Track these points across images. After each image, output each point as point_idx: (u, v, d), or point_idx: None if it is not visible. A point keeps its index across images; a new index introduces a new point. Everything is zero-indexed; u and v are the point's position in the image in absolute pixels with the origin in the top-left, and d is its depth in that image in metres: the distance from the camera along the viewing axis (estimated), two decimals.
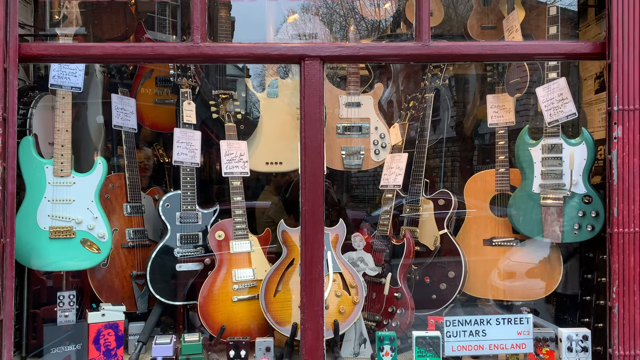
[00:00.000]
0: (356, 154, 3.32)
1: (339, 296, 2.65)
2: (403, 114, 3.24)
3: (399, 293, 2.75)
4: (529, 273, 2.88)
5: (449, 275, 2.90)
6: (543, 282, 2.86)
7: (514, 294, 2.91)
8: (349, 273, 2.72)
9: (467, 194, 3.10)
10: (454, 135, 4.07)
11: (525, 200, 2.82)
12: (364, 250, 2.92)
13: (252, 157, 3.20)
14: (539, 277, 2.87)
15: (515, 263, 2.91)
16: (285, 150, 3.27)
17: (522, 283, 2.89)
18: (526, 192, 2.81)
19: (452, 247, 2.94)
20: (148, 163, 3.62)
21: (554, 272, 2.84)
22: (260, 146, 3.25)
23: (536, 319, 3.00)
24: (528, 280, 2.88)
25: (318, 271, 2.44)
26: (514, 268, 2.92)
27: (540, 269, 2.87)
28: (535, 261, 2.88)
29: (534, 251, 2.89)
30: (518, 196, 2.86)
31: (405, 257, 2.80)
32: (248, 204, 3.93)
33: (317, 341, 2.43)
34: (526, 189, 2.81)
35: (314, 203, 2.44)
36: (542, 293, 2.86)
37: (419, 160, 3.12)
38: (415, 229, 3.04)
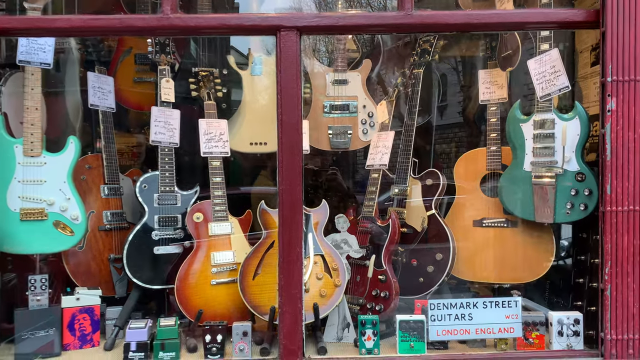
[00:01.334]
0: (343, 134, 3.20)
1: (320, 279, 2.56)
2: (391, 90, 3.11)
3: (383, 276, 2.65)
4: (520, 255, 2.77)
5: (437, 258, 2.79)
6: (535, 265, 2.74)
7: (505, 276, 2.79)
8: (331, 255, 2.62)
9: (457, 173, 2.97)
10: (461, 121, 3.93)
11: (516, 179, 2.69)
12: (348, 232, 2.82)
13: (236, 137, 3.10)
14: (530, 259, 2.76)
15: (506, 245, 2.80)
16: (270, 130, 3.10)
17: (513, 265, 2.77)
18: (517, 171, 2.68)
19: (440, 228, 2.82)
20: (140, 149, 3.53)
21: (546, 254, 2.72)
22: (244, 126, 3.14)
23: (526, 301, 2.90)
24: (519, 263, 2.76)
25: (296, 253, 2.34)
26: (504, 250, 2.80)
27: (532, 250, 2.75)
28: (527, 242, 2.76)
29: (526, 232, 2.77)
30: (509, 175, 2.73)
31: (390, 238, 2.69)
32: (244, 189, 3.90)
33: (295, 325, 2.34)
34: (517, 167, 2.69)
35: (292, 182, 2.33)
36: (533, 276, 2.74)
37: (407, 139, 3.00)
38: (402, 210, 2.93)
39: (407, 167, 2.96)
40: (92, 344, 2.57)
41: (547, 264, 2.72)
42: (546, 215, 2.59)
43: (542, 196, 2.59)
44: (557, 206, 2.55)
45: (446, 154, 4.07)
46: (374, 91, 3.48)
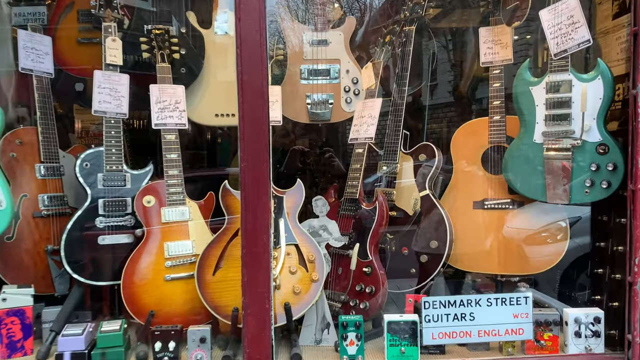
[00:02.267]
0: (324, 103, 2.77)
1: (294, 273, 2.15)
2: (378, 50, 2.68)
3: (369, 268, 2.25)
4: (529, 241, 2.37)
5: (431, 246, 2.39)
6: (546, 253, 2.35)
7: (511, 267, 2.40)
8: (307, 245, 2.20)
9: (454, 147, 2.56)
10: (452, 100, 3.51)
11: (524, 152, 2.29)
12: (328, 216, 2.41)
13: (198, 107, 2.66)
14: (540, 246, 2.37)
15: (511, 230, 2.40)
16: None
17: (520, 254, 2.38)
18: (526, 143, 2.28)
19: (435, 211, 2.42)
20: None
21: (559, 240, 2.33)
22: (208, 94, 2.69)
23: (537, 294, 2.52)
24: (527, 251, 2.37)
25: (262, 243, 1.93)
26: (510, 236, 2.40)
27: (543, 236, 2.36)
28: (536, 227, 2.37)
29: (535, 215, 2.37)
30: (515, 148, 2.32)
31: (376, 224, 2.29)
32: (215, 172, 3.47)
33: (262, 330, 1.94)
34: (526, 139, 2.28)
35: (257, 158, 1.91)
36: (544, 265, 2.35)
37: (397, 108, 2.58)
38: (391, 191, 2.52)
39: (397, 141, 2.54)
40: (23, 352, 2.15)
41: (560, 252, 2.33)
42: (560, 195, 2.19)
43: (555, 172, 2.19)
44: (573, 184, 2.15)
45: (437, 134, 3.66)
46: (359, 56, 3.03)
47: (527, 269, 2.36)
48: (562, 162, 2.17)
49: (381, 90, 2.71)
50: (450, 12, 3.27)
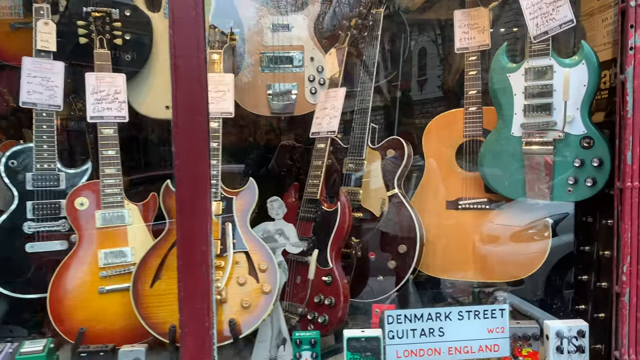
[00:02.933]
0: (286, 94, 2.53)
1: (243, 284, 1.91)
2: (342, 35, 2.44)
3: (329, 276, 2.01)
4: (507, 245, 2.15)
5: (399, 250, 2.16)
6: (525, 258, 2.13)
7: (487, 273, 2.18)
8: (259, 252, 1.96)
9: (426, 141, 2.33)
10: (441, 95, 3.28)
11: (501, 147, 2.06)
12: (288, 219, 2.17)
13: (147, 99, 2.41)
14: (519, 250, 2.15)
15: (488, 232, 2.18)
16: None
17: (497, 259, 2.16)
18: (503, 136, 2.05)
19: (404, 212, 2.19)
20: (68, 124, 2.81)
21: (540, 243, 2.11)
22: (157, 84, 2.44)
23: (513, 299, 2.31)
24: (505, 255, 2.15)
25: (201, 252, 1.68)
26: (486, 239, 2.18)
27: (522, 239, 2.14)
28: (515, 229, 2.15)
29: (514, 216, 2.15)
30: (492, 142, 2.10)
31: (338, 228, 2.05)
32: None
33: (201, 350, 1.69)
34: (503, 131, 2.05)
35: (193, 153, 1.66)
36: (524, 272, 2.13)
37: (364, 99, 2.34)
38: (357, 190, 2.29)
39: (364, 135, 2.31)
40: None
41: (541, 257, 2.11)
42: (541, 193, 1.97)
43: (535, 168, 1.97)
44: (555, 182, 1.93)
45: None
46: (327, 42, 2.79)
47: (505, 275, 2.14)
48: (542, 157, 1.95)
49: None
50: (436, 1, 3.06)
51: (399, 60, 2.84)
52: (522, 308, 2.28)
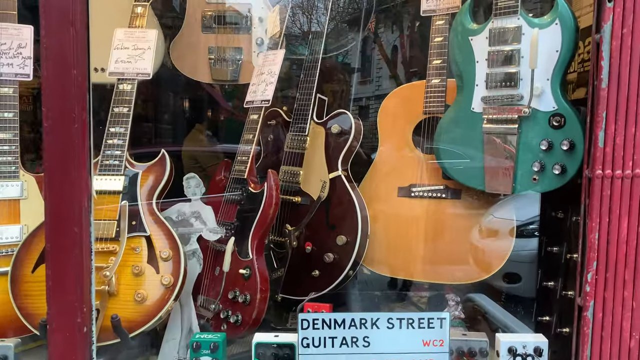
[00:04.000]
0: (231, 60, 2.22)
1: (139, 275, 1.62)
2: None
3: (247, 269, 1.71)
4: (464, 242, 1.83)
5: (338, 242, 1.86)
6: (485, 257, 1.81)
7: (441, 272, 1.86)
8: (163, 237, 1.67)
9: (382, 118, 2.01)
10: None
11: (459, 125, 1.74)
12: (213, 200, 1.88)
13: None
14: (478, 248, 1.83)
15: (444, 225, 1.86)
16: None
17: (452, 257, 1.84)
18: (462, 113, 1.73)
19: (346, 198, 1.88)
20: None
21: (502, 241, 1.79)
22: None
23: (486, 302, 2.00)
24: (461, 254, 1.83)
25: (72, 235, 1.39)
26: (441, 233, 1.86)
27: (481, 235, 1.82)
28: (474, 223, 1.83)
29: (473, 208, 1.83)
30: (449, 119, 1.77)
31: (262, 213, 1.74)
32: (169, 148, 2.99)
33: (73, 351, 1.41)
34: (462, 107, 1.73)
35: (65, 115, 1.37)
36: (483, 272, 1.81)
37: (310, 65, 2.03)
38: (297, 171, 1.98)
39: (308, 107, 2.00)
40: None
41: (503, 255, 1.79)
42: (501, 182, 1.64)
43: (495, 152, 1.64)
44: (518, 168, 1.60)
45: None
46: None
47: (456, 276, 1.82)
48: (504, 137, 1.62)
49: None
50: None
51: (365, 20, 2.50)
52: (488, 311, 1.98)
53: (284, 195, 1.97)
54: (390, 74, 3.16)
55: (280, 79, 2.36)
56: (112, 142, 1.75)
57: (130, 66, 1.87)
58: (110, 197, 1.69)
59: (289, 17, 2.20)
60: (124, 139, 1.76)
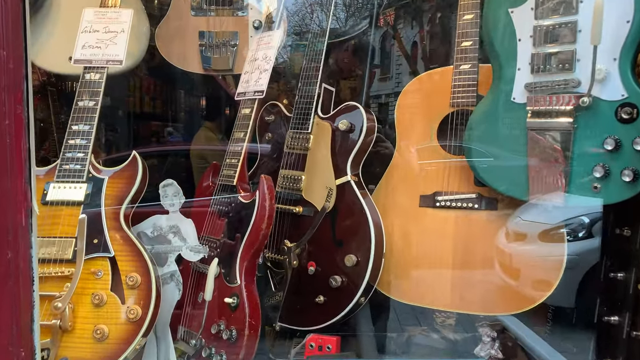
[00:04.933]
0: (223, 46, 1.92)
1: (100, 305, 1.32)
2: None
3: (234, 298, 1.40)
4: (504, 263, 1.49)
5: (347, 262, 1.53)
6: (530, 282, 1.47)
7: (471, 302, 1.52)
8: (130, 259, 1.36)
9: (400, 112, 1.68)
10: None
11: (496, 119, 1.40)
12: (197, 211, 1.57)
13: (45, 48, 1.85)
14: (521, 271, 1.48)
15: (476, 242, 1.52)
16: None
17: (487, 282, 1.50)
18: (499, 104, 1.39)
19: (357, 208, 1.55)
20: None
21: (550, 263, 1.44)
22: (59, 30, 1.87)
23: (522, 332, 1.65)
24: (501, 277, 1.49)
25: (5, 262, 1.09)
26: (473, 252, 1.52)
27: (525, 256, 1.48)
28: (515, 240, 1.49)
29: (513, 221, 1.49)
30: (483, 112, 1.43)
31: (253, 227, 1.43)
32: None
33: None
34: (500, 96, 1.39)
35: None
36: (525, 302, 1.46)
37: (314, 50, 1.71)
38: (299, 175, 1.66)
39: (311, 100, 1.67)
40: None
41: (551, 281, 1.44)
42: (551, 188, 1.30)
43: (543, 153, 1.30)
44: (573, 174, 1.26)
45: None
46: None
47: (494, 307, 1.48)
48: (556, 134, 1.28)
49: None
50: None
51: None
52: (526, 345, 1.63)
53: (282, 205, 1.66)
54: (410, 70, 2.89)
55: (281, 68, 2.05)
56: (74, 142, 1.46)
57: (99, 52, 1.58)
58: (69, 208, 1.39)
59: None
60: (89, 138, 1.46)
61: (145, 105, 2.95)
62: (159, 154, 2.79)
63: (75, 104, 1.52)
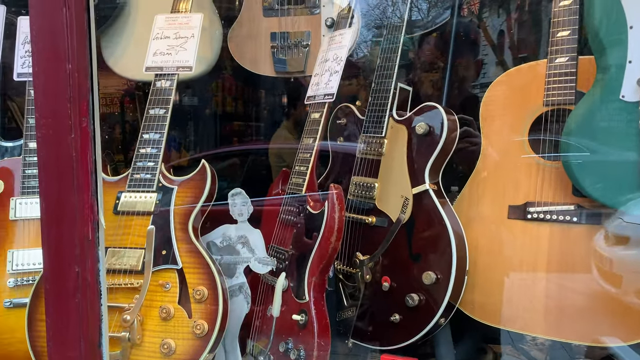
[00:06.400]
0: (296, 47, 1.85)
1: (167, 319, 1.29)
2: None
3: (302, 315, 1.32)
4: (612, 284, 1.29)
5: (425, 280, 1.40)
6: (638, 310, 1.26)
7: (576, 329, 1.33)
8: (198, 271, 1.33)
9: (485, 112, 1.51)
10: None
11: (601, 120, 1.21)
12: (267, 221, 1.52)
13: (124, 56, 1.90)
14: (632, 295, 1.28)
15: (575, 260, 1.33)
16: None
17: (593, 306, 1.31)
18: (605, 102, 1.19)
19: (436, 220, 1.41)
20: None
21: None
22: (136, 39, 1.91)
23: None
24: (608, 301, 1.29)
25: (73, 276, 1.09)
26: (572, 271, 1.33)
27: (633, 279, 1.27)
28: (625, 259, 1.28)
29: (622, 238, 1.28)
30: (586, 112, 1.24)
31: (321, 241, 1.34)
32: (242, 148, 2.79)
33: None
34: (606, 94, 1.19)
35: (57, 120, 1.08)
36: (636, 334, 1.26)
37: (389, 47, 1.58)
38: (372, 183, 1.55)
39: (385, 101, 1.55)
40: None
41: None
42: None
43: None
44: None
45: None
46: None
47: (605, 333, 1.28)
48: None
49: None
50: None
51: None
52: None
53: (354, 214, 1.56)
54: (497, 59, 2.70)
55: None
56: (145, 151, 1.45)
57: (169, 59, 1.56)
58: (139, 218, 1.39)
59: None
60: (159, 147, 1.45)
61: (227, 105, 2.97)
62: (241, 152, 2.81)
63: (146, 112, 1.51)
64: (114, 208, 1.40)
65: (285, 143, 2.47)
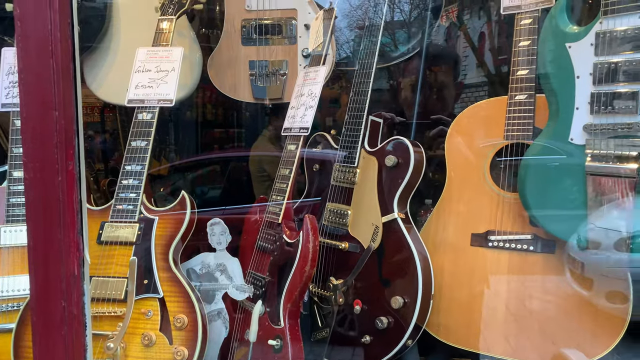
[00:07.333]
0: (273, 75, 1.93)
1: (149, 346, 1.36)
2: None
3: (278, 340, 1.40)
4: (562, 308, 1.40)
5: (393, 304, 1.49)
6: (591, 328, 1.37)
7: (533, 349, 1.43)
8: (178, 299, 1.40)
9: (450, 145, 1.61)
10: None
11: (551, 160, 1.31)
12: (245, 248, 1.59)
13: (106, 80, 1.96)
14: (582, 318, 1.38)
15: (530, 287, 1.43)
16: None
17: (547, 329, 1.41)
18: (556, 143, 1.30)
19: (404, 246, 1.50)
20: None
21: (614, 307, 1.34)
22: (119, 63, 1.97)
23: None
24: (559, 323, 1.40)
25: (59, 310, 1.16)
26: (530, 298, 1.44)
27: (585, 302, 1.38)
28: (575, 286, 1.39)
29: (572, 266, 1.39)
30: (539, 149, 1.35)
31: (296, 269, 1.42)
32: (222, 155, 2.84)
33: None
34: (556, 135, 1.30)
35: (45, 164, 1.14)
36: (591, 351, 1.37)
37: (361, 81, 1.67)
38: (345, 210, 1.64)
39: (358, 133, 1.64)
40: None
41: (616, 329, 1.33)
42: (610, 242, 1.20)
43: (604, 199, 1.20)
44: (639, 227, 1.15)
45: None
46: None
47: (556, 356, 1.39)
48: (620, 182, 1.18)
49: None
50: None
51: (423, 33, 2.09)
52: None
53: (329, 240, 1.64)
54: (477, 62, 2.79)
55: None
56: (127, 182, 1.51)
57: (151, 92, 1.63)
58: (122, 248, 1.45)
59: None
60: (141, 178, 1.51)
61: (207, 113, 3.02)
62: (221, 159, 2.87)
63: (128, 143, 1.58)
64: (97, 238, 1.47)
65: (266, 151, 2.54)
